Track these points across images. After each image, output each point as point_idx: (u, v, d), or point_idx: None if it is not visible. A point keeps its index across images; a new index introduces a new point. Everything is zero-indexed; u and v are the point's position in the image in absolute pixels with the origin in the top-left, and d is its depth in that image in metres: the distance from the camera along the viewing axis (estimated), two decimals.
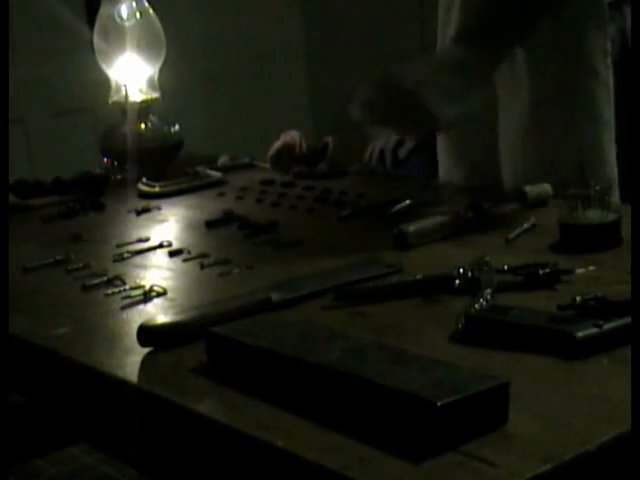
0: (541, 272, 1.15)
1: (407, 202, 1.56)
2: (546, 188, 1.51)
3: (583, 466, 0.78)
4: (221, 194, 1.81)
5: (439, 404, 0.80)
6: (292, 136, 1.95)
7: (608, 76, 1.56)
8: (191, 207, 1.75)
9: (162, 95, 2.00)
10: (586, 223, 1.28)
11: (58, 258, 1.43)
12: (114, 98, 2.00)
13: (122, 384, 1.02)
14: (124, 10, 1.96)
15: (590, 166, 1.51)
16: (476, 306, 1.07)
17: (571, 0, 1.56)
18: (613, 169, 1.52)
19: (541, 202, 1.49)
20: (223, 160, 2.05)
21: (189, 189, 1.84)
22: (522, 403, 0.85)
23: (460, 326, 1.03)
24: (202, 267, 1.35)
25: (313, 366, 0.91)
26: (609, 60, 1.55)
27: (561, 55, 1.58)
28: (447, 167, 1.79)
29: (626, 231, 1.24)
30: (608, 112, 1.56)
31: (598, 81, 1.56)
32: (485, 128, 1.69)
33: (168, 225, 1.65)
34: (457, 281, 1.15)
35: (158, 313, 1.17)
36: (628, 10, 1.58)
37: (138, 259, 1.43)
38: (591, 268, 1.17)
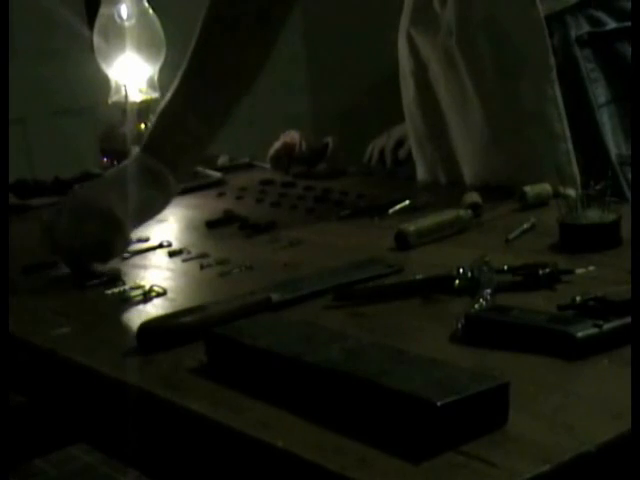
0: (541, 272, 1.15)
1: (407, 202, 1.56)
2: (546, 188, 1.51)
3: (583, 466, 0.78)
4: (221, 194, 1.81)
5: (439, 404, 0.80)
6: (292, 136, 1.95)
7: (555, 91, 1.55)
8: (191, 207, 1.75)
9: (162, 95, 2.00)
10: (586, 223, 1.28)
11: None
12: (114, 98, 2.00)
13: (122, 384, 1.02)
14: (124, 10, 1.96)
15: (548, 181, 1.52)
16: (476, 306, 1.07)
17: (505, 22, 1.56)
18: (573, 182, 1.52)
19: (541, 202, 1.49)
20: (223, 160, 2.05)
21: (189, 189, 1.84)
22: (522, 403, 0.85)
23: (460, 326, 1.03)
24: (202, 267, 1.35)
25: (313, 366, 0.91)
26: (554, 75, 1.55)
27: (504, 77, 1.58)
28: (425, 182, 1.81)
29: (626, 231, 1.24)
30: (560, 126, 1.55)
31: (544, 98, 1.56)
32: (452, 146, 1.71)
33: (168, 225, 1.65)
34: (457, 281, 1.15)
35: (158, 313, 1.17)
36: (571, 19, 1.58)
37: (138, 259, 1.43)
38: (591, 268, 1.17)
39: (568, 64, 1.57)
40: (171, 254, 1.43)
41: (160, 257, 1.44)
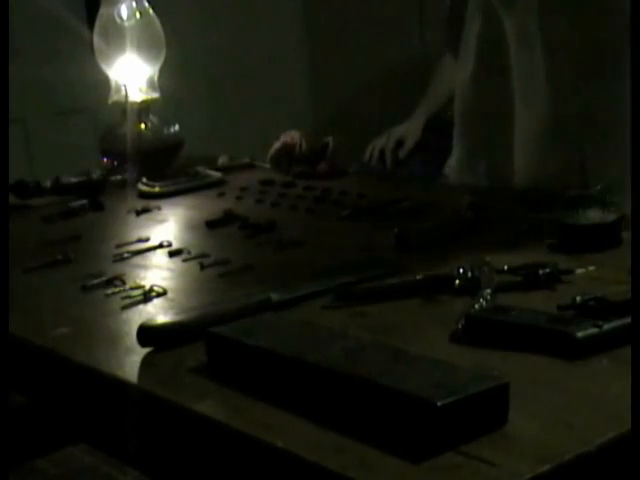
0: (541, 272, 1.15)
1: (407, 202, 1.56)
2: None
3: (583, 466, 0.79)
4: (221, 194, 1.81)
5: (439, 404, 0.80)
6: (292, 136, 1.95)
7: (626, 79, 1.51)
8: (191, 207, 1.75)
9: (162, 95, 2.00)
10: (586, 223, 1.28)
11: (58, 258, 1.43)
12: (114, 98, 2.00)
13: (122, 384, 1.02)
14: (124, 10, 1.96)
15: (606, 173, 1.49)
16: (476, 306, 1.07)
17: (590, 7, 1.54)
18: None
19: (541, 202, 1.49)
20: (223, 160, 2.05)
21: (189, 189, 1.84)
22: (522, 403, 0.85)
23: (460, 326, 1.03)
24: (202, 267, 1.35)
25: (313, 366, 0.91)
26: (628, 65, 1.52)
27: (579, 70, 1.56)
28: (461, 166, 1.78)
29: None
30: (628, 129, 1.52)
31: (617, 99, 1.53)
32: (503, 130, 1.68)
33: (168, 225, 1.65)
34: (457, 281, 1.15)
35: (158, 313, 1.17)
36: None
37: (138, 259, 1.43)
38: (591, 268, 1.17)
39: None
40: (171, 254, 1.43)
41: (160, 257, 1.44)
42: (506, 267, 1.17)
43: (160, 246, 1.47)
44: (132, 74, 1.98)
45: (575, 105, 1.56)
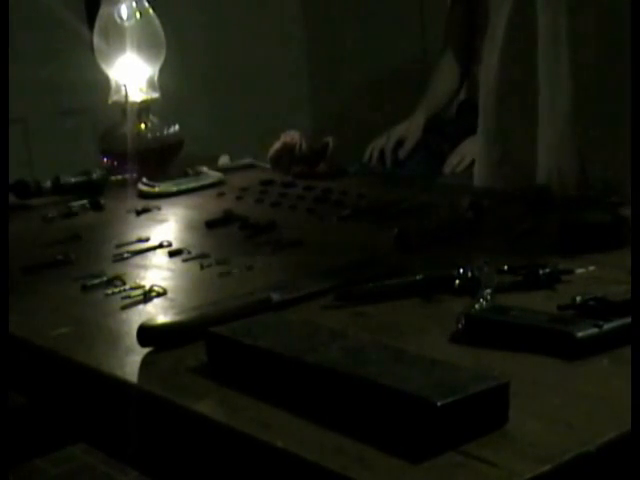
0: (541, 272, 1.15)
1: (407, 202, 1.56)
2: None
3: (583, 466, 0.78)
4: (221, 194, 1.81)
5: (439, 404, 0.80)
6: (292, 136, 1.95)
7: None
8: (191, 207, 1.75)
9: (162, 95, 2.00)
10: (586, 223, 1.28)
11: (58, 258, 1.43)
12: (114, 98, 2.00)
13: (122, 384, 1.02)
14: (124, 10, 1.96)
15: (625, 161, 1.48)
16: (476, 306, 1.07)
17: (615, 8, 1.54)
18: None
19: (541, 202, 1.49)
20: (223, 160, 2.05)
21: (189, 189, 1.84)
22: (522, 403, 0.85)
23: (460, 326, 1.03)
24: (202, 267, 1.35)
25: (313, 366, 0.91)
26: None
27: (603, 45, 1.56)
28: (481, 153, 1.78)
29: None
30: None
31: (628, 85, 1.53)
32: (523, 116, 1.68)
33: (168, 225, 1.65)
34: (457, 281, 1.15)
35: (158, 313, 1.17)
36: None
37: (138, 259, 1.43)
38: (591, 268, 1.17)
39: None
40: (171, 254, 1.43)
41: (160, 257, 1.44)
42: (506, 267, 1.17)
43: (160, 246, 1.47)
44: (132, 74, 1.98)
45: (597, 91, 1.56)
